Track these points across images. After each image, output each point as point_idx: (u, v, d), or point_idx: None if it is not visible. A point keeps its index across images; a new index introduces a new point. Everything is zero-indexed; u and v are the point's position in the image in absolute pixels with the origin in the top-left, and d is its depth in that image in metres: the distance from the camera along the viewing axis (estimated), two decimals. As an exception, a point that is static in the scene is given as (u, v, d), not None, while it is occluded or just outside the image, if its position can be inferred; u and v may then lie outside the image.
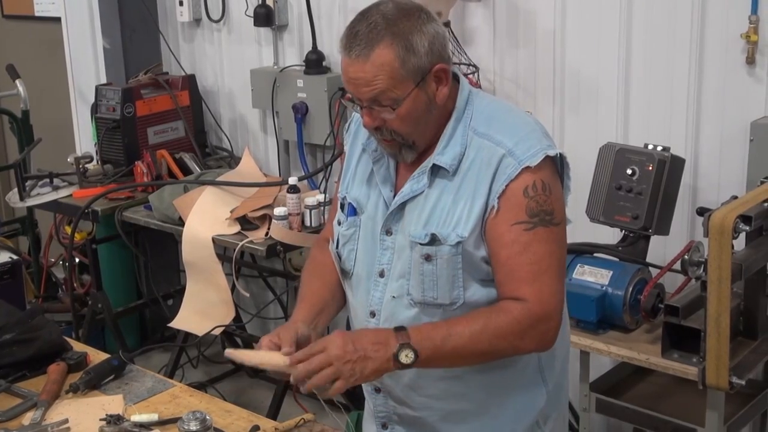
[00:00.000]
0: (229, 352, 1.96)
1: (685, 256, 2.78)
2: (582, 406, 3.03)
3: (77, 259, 4.75)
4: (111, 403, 2.38)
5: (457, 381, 2.02)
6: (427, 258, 1.94)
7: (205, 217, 3.83)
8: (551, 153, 1.91)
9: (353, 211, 2.07)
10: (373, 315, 2.03)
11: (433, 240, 1.93)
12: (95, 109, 4.43)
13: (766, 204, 2.74)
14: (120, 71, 4.89)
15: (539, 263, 1.89)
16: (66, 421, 2.27)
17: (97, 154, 4.46)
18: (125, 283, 4.78)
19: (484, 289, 1.96)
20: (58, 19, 5.23)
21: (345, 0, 4.07)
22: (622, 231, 3.10)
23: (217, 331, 3.95)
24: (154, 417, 2.27)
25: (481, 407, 2.05)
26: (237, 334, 4.54)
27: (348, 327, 3.83)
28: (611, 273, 2.95)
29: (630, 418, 3.00)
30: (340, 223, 2.10)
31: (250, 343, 4.65)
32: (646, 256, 3.05)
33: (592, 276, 2.96)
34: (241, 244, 3.69)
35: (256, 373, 4.62)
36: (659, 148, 3.01)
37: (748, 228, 2.62)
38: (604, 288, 2.93)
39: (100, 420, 2.25)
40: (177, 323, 3.98)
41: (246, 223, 3.78)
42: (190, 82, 4.59)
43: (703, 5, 3.15)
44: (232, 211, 3.80)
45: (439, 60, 1.89)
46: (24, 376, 2.52)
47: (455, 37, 3.58)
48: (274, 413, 3.84)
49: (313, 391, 1.84)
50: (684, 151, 3.21)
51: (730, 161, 3.18)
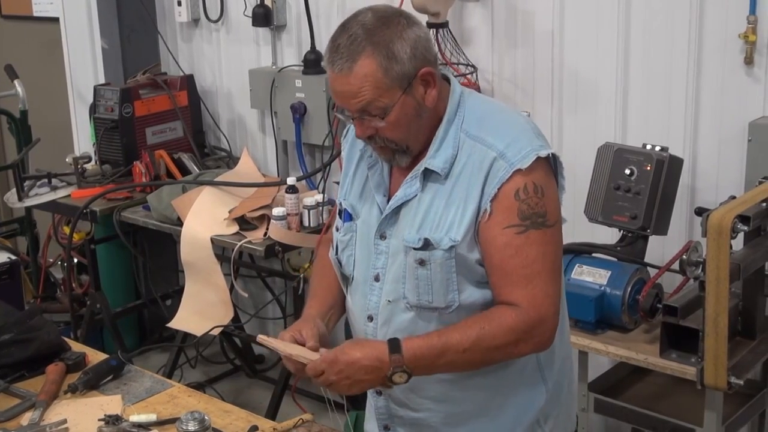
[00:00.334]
0: (262, 339, 2.02)
1: (684, 256, 2.78)
2: (580, 406, 3.03)
3: (76, 260, 4.75)
4: (109, 403, 2.38)
5: (457, 384, 2.03)
6: (421, 263, 1.94)
7: (203, 217, 3.83)
8: (542, 154, 1.90)
9: (349, 217, 2.08)
10: (370, 319, 2.05)
11: (426, 245, 1.94)
12: (93, 109, 4.43)
13: (764, 204, 2.74)
14: (118, 71, 4.89)
15: (531, 266, 1.89)
16: (64, 421, 2.27)
17: (95, 154, 4.46)
18: (124, 283, 4.78)
19: (480, 291, 1.96)
20: (56, 20, 5.22)
21: (343, 0, 4.08)
22: (620, 231, 3.10)
23: (216, 332, 3.95)
24: (153, 417, 2.28)
25: (481, 409, 2.05)
26: (236, 335, 4.53)
27: (347, 330, 3.82)
28: (610, 273, 2.95)
29: (628, 418, 3.00)
30: (338, 229, 2.12)
31: (248, 343, 4.66)
32: (644, 256, 3.05)
33: (591, 276, 2.96)
34: (239, 244, 3.69)
35: (255, 373, 4.63)
36: (657, 148, 3.02)
37: (746, 228, 2.62)
38: (603, 288, 2.93)
39: (99, 420, 2.25)
40: (175, 323, 3.98)
41: (244, 223, 3.78)
42: (189, 82, 4.59)
43: (701, 5, 3.15)
44: (230, 212, 3.80)
45: (423, 64, 1.88)
46: (22, 376, 2.52)
47: (453, 38, 3.58)
48: (272, 413, 3.83)
49: None
50: (682, 151, 3.21)
51: (728, 161, 3.19)
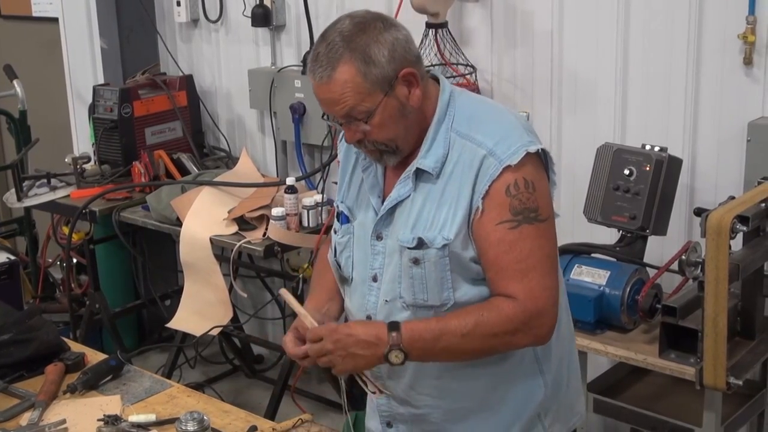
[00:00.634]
0: (283, 291, 2.11)
1: (683, 257, 2.78)
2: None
3: (75, 260, 4.75)
4: (109, 403, 2.38)
5: (456, 379, 2.04)
6: (415, 262, 1.96)
7: (202, 217, 3.83)
8: (532, 149, 1.91)
9: (346, 219, 2.11)
10: (369, 319, 2.07)
11: (420, 244, 1.95)
12: (93, 109, 4.43)
13: (763, 204, 2.74)
14: (117, 72, 4.89)
15: (526, 260, 1.90)
16: (64, 421, 2.27)
17: (94, 154, 4.46)
18: (123, 283, 4.78)
19: (476, 288, 1.97)
20: (55, 20, 5.22)
21: (342, 0, 4.08)
22: (619, 231, 3.10)
23: (215, 332, 3.95)
24: (152, 417, 2.28)
25: (481, 404, 2.06)
26: (235, 335, 4.54)
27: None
28: (609, 273, 2.95)
29: (627, 418, 3.00)
30: (335, 231, 2.15)
31: (247, 343, 4.66)
32: (643, 256, 3.05)
33: (590, 276, 2.96)
34: (238, 244, 3.69)
35: (254, 373, 4.63)
36: (657, 149, 3.02)
37: (745, 228, 2.63)
38: (602, 288, 2.93)
39: (98, 420, 2.26)
40: (175, 324, 3.98)
41: (244, 223, 3.78)
42: (188, 82, 4.59)
43: (700, 6, 3.15)
44: (229, 212, 3.80)
45: (403, 65, 1.90)
46: (21, 376, 2.53)
47: (453, 38, 3.58)
48: (271, 413, 3.83)
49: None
50: (681, 152, 3.21)
51: (727, 162, 3.19)
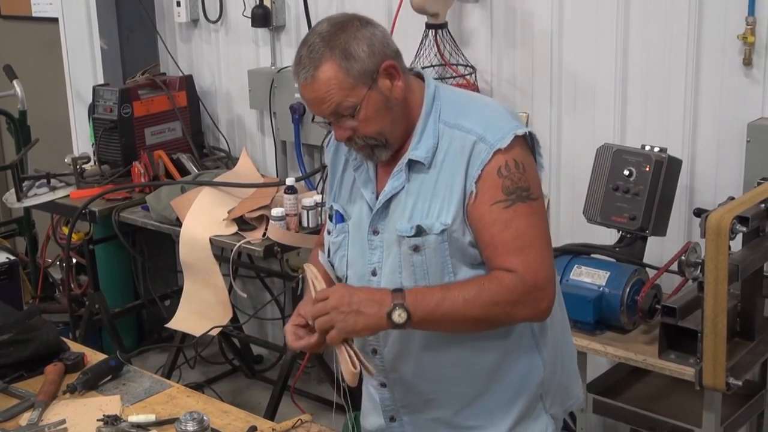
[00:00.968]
0: (307, 267, 2.11)
1: (682, 257, 2.78)
2: (579, 406, 3.04)
3: (74, 260, 4.75)
4: (108, 403, 2.38)
5: (459, 365, 2.07)
6: (415, 249, 2.00)
7: (202, 217, 3.83)
8: (520, 133, 1.97)
9: (341, 218, 2.14)
10: None
11: (419, 231, 1.99)
12: (92, 109, 4.43)
13: (762, 205, 2.74)
14: (117, 72, 4.89)
15: (523, 237, 1.94)
16: (63, 421, 2.27)
17: (94, 154, 4.46)
18: (122, 283, 4.78)
19: (474, 272, 2.00)
20: (55, 20, 5.22)
21: (342, 1, 4.08)
22: (619, 232, 3.10)
23: (215, 332, 3.95)
24: (152, 417, 2.28)
25: (484, 387, 2.09)
26: (234, 335, 4.54)
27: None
28: (608, 274, 2.96)
29: (627, 418, 3.00)
30: (329, 232, 2.17)
31: (247, 344, 4.66)
32: (643, 257, 3.06)
33: (589, 277, 2.96)
34: (238, 244, 3.69)
35: (253, 373, 4.63)
36: (656, 149, 3.02)
37: (744, 229, 2.63)
38: (601, 289, 2.93)
39: (98, 420, 2.26)
40: (174, 324, 3.98)
41: (243, 223, 3.78)
42: (188, 82, 4.59)
43: (700, 6, 3.15)
44: (229, 212, 3.80)
45: (383, 58, 1.96)
46: (21, 376, 2.53)
47: (452, 38, 3.58)
48: (271, 414, 3.83)
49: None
50: (681, 152, 3.21)
51: (727, 162, 3.19)
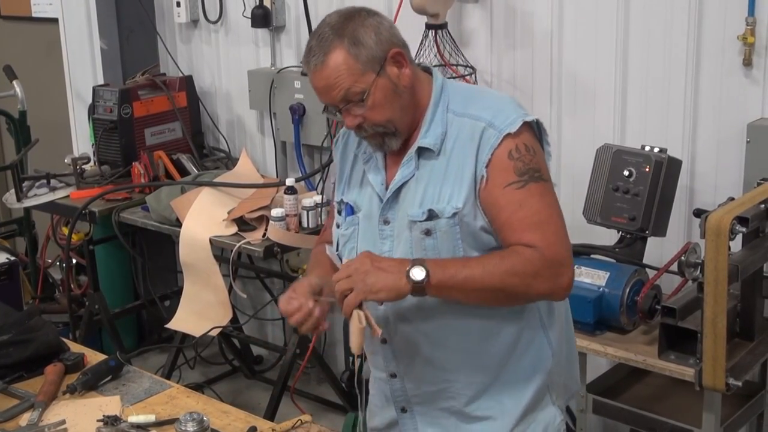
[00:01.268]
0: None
1: (682, 258, 2.78)
2: (579, 407, 3.04)
3: (74, 260, 4.75)
4: (108, 404, 2.38)
5: (470, 353, 2.08)
6: (427, 233, 2.02)
7: (202, 218, 3.83)
8: (528, 119, 2.00)
9: (351, 211, 2.16)
10: (381, 302, 2.05)
11: (431, 215, 2.01)
12: (92, 110, 4.43)
13: (762, 206, 2.74)
14: (117, 72, 4.89)
15: (539, 215, 1.96)
16: (63, 422, 2.27)
17: (94, 155, 4.46)
18: (122, 284, 4.78)
19: None
20: (55, 20, 5.22)
21: (342, 2, 4.08)
22: (619, 232, 3.10)
23: (215, 333, 3.95)
24: (152, 418, 2.28)
25: (493, 376, 2.10)
26: (234, 335, 4.54)
27: (345, 329, 3.80)
28: (608, 274, 2.95)
29: (627, 419, 3.00)
30: (338, 225, 2.19)
31: (247, 344, 4.66)
32: (643, 257, 3.06)
33: (589, 277, 2.96)
34: (238, 245, 3.69)
35: (253, 374, 4.63)
36: (656, 150, 3.02)
37: (744, 229, 2.63)
38: (601, 289, 2.93)
39: (98, 421, 2.26)
40: (174, 324, 3.98)
41: (243, 224, 3.78)
42: (188, 83, 4.59)
43: (699, 7, 3.15)
44: (229, 213, 3.80)
45: (390, 46, 2.00)
46: (21, 377, 2.53)
47: (452, 39, 3.58)
48: (271, 414, 3.83)
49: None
50: (681, 153, 3.21)
51: (726, 163, 3.19)
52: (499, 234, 1.99)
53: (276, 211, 3.69)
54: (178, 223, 3.87)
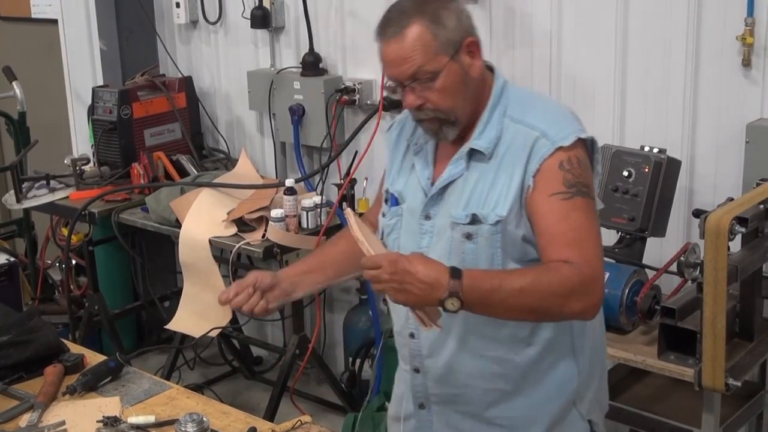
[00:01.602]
0: (348, 213, 2.01)
1: (682, 258, 2.78)
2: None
3: (74, 261, 4.75)
4: (108, 404, 2.38)
5: (495, 361, 2.07)
6: (468, 237, 2.00)
7: (201, 219, 3.83)
8: (583, 136, 1.98)
9: (395, 202, 2.16)
10: None
11: (474, 220, 2.00)
12: (92, 110, 4.43)
13: (762, 206, 2.74)
14: (117, 73, 4.89)
15: (580, 230, 1.94)
16: (63, 423, 2.27)
17: (93, 155, 4.46)
18: (122, 284, 4.78)
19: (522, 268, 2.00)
20: (55, 21, 5.22)
21: (342, 2, 4.08)
22: (618, 233, 3.10)
23: (214, 333, 3.94)
24: (151, 419, 2.28)
25: (517, 386, 2.09)
26: (234, 336, 4.54)
27: (345, 332, 3.78)
28: (608, 275, 2.94)
29: (626, 419, 3.00)
30: (384, 215, 2.19)
31: (246, 345, 4.65)
32: (642, 257, 3.06)
33: (589, 278, 2.96)
34: (237, 246, 3.69)
35: (253, 374, 4.63)
36: (655, 150, 3.02)
37: (743, 230, 2.63)
38: (601, 290, 2.93)
39: (97, 422, 2.26)
40: (174, 325, 3.98)
41: (243, 225, 3.78)
42: (187, 84, 4.59)
43: (699, 7, 3.15)
44: (228, 213, 3.80)
45: (468, 33, 2.00)
46: (21, 378, 2.53)
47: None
48: (271, 415, 3.83)
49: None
50: (680, 153, 3.21)
51: (726, 163, 3.19)
52: (538, 241, 1.97)
53: (275, 212, 3.69)
54: (178, 224, 3.87)
